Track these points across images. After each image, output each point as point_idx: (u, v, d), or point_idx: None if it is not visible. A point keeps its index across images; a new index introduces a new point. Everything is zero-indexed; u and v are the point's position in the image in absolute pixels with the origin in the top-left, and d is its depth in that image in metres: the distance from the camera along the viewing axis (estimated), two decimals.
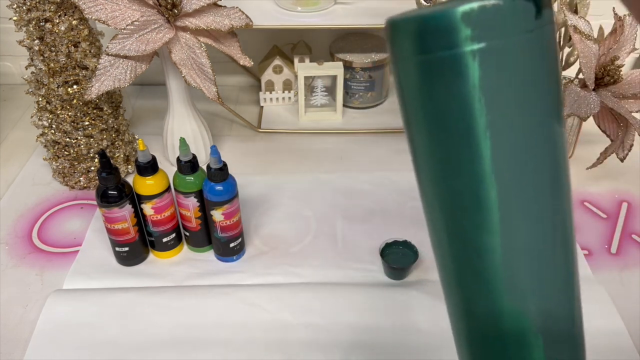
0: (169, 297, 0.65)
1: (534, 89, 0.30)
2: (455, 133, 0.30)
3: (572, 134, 0.79)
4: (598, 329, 0.62)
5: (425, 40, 0.29)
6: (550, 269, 0.34)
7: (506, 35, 0.28)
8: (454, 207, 0.33)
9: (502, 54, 0.29)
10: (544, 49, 0.30)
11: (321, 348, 0.60)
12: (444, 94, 0.30)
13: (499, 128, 0.29)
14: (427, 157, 0.33)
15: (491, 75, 0.29)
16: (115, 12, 0.69)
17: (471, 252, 0.33)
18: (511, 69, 0.29)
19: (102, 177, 0.63)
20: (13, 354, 0.60)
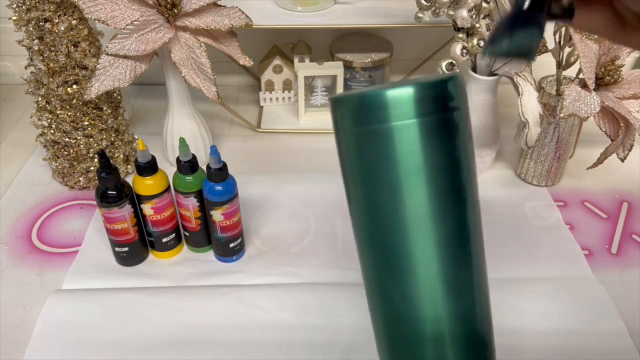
0: (168, 297, 0.65)
1: (446, 160, 0.37)
2: (383, 187, 0.37)
3: (572, 134, 0.79)
4: (598, 329, 0.61)
5: (362, 115, 0.36)
6: (462, 279, 0.39)
7: (422, 115, 0.35)
8: (381, 247, 0.39)
9: (418, 129, 0.35)
10: (453, 129, 0.36)
11: (321, 348, 0.60)
12: (376, 158, 0.36)
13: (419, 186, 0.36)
14: (360, 208, 0.40)
15: (413, 144, 0.35)
16: (114, 11, 0.69)
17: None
18: (432, 141, 0.36)
19: (101, 177, 0.63)
20: (13, 354, 0.59)
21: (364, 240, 0.41)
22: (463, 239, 0.38)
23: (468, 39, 0.70)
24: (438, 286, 0.38)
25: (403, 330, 0.40)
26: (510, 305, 0.63)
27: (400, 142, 0.35)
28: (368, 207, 0.39)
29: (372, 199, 0.38)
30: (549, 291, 0.65)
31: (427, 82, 0.35)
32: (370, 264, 0.41)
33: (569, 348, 0.60)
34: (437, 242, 0.37)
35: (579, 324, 0.62)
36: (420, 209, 0.36)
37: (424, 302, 0.38)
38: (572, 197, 0.82)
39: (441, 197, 0.37)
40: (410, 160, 0.35)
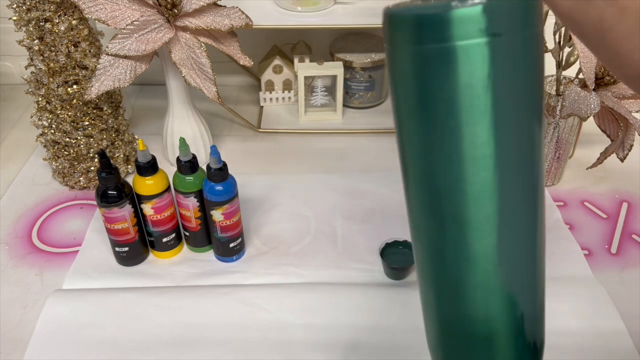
0: (168, 297, 0.65)
1: (525, 85, 0.32)
2: (445, 121, 0.31)
3: (572, 134, 0.79)
4: (598, 329, 0.61)
5: (421, 32, 0.31)
6: (521, 275, 0.36)
7: (500, 32, 0.30)
8: (436, 206, 0.34)
9: (495, 49, 0.30)
10: (534, 48, 0.32)
11: (321, 348, 0.60)
12: (437, 82, 0.31)
13: (488, 119, 0.31)
14: (415, 147, 0.34)
15: (483, 68, 0.30)
16: (115, 11, 0.69)
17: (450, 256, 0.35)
18: (503, 65, 0.30)
19: (101, 177, 0.63)
20: (13, 354, 0.60)
21: (416, 186, 0.36)
22: (533, 198, 0.34)
23: None
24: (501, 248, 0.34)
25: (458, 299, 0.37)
26: None
27: (467, 64, 0.30)
28: (423, 145, 0.34)
29: (428, 136, 0.33)
30: (548, 291, 0.64)
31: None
32: (421, 216, 0.36)
33: (569, 348, 0.60)
34: (504, 193, 0.33)
35: (579, 323, 0.62)
36: (485, 148, 0.32)
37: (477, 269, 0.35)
38: (572, 197, 0.82)
39: (508, 136, 0.32)
40: (476, 88, 0.31)
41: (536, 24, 0.32)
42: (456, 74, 0.30)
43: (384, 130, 0.94)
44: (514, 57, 0.31)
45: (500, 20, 0.30)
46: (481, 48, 0.30)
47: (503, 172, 0.32)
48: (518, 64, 0.31)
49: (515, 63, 0.31)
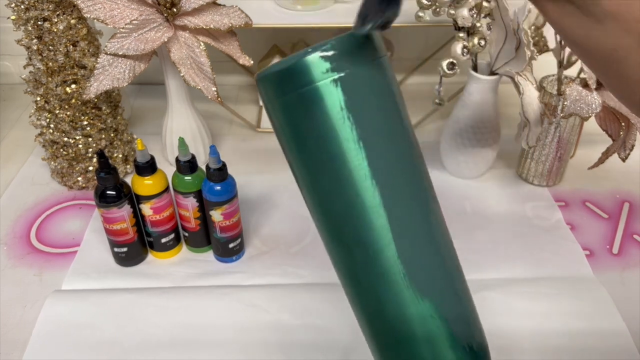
0: (167, 297, 0.64)
1: (381, 107, 0.37)
2: (320, 155, 0.37)
3: (574, 134, 0.78)
4: (599, 329, 0.61)
5: (280, 85, 0.37)
6: (433, 281, 0.39)
7: (343, 69, 0.35)
8: (337, 232, 0.39)
9: (343, 84, 0.35)
10: (381, 75, 0.37)
11: (321, 348, 0.59)
12: (304, 124, 0.36)
13: (355, 145, 0.36)
14: (309, 185, 0.39)
15: (336, 103, 0.35)
16: (113, 11, 0.69)
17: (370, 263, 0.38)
18: (354, 95, 0.36)
19: (100, 177, 0.63)
20: (12, 355, 0.59)
21: (317, 218, 0.40)
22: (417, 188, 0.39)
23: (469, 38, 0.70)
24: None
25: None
26: (511, 305, 0.63)
27: (322, 102, 0.35)
28: (311, 174, 0.39)
29: (312, 172, 0.38)
30: (549, 291, 0.65)
31: (338, 39, 0.36)
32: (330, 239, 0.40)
33: (570, 348, 0.60)
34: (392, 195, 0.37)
35: (580, 324, 0.62)
36: (361, 171, 0.36)
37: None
38: (573, 197, 0.81)
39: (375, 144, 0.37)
40: (336, 121, 0.36)
41: (379, 55, 0.37)
42: (317, 113, 0.36)
43: None
44: (364, 87, 0.36)
45: (341, 60, 0.35)
46: (330, 86, 0.35)
47: (383, 188, 0.36)
48: (369, 91, 0.36)
49: (366, 91, 0.36)
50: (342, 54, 0.36)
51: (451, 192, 0.81)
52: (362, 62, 0.36)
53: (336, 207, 0.38)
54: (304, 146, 0.37)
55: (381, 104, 0.37)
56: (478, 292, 0.65)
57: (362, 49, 0.37)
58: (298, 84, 0.36)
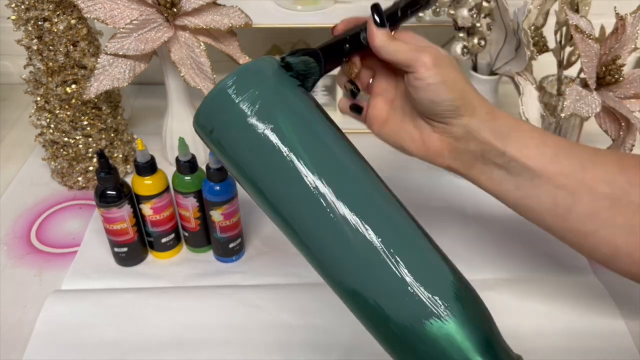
0: (168, 297, 0.65)
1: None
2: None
3: (574, 134, 0.78)
4: (599, 329, 0.61)
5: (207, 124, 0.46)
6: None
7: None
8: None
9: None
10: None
11: (321, 349, 0.60)
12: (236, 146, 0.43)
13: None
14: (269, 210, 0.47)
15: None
16: (114, 11, 0.69)
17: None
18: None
19: (100, 177, 0.63)
20: (11, 355, 0.59)
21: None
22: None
23: (469, 38, 0.70)
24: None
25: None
26: (510, 305, 0.63)
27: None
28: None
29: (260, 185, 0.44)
30: (549, 291, 0.65)
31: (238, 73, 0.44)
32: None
33: (570, 348, 0.60)
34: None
35: (580, 324, 0.62)
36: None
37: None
38: None
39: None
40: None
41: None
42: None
43: None
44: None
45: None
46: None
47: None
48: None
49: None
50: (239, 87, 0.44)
51: (451, 192, 0.81)
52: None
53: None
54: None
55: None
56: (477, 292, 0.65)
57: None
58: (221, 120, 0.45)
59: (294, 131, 0.41)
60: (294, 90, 0.44)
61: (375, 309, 0.41)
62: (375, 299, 0.40)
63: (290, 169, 0.41)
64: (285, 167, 0.41)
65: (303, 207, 0.41)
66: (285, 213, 0.43)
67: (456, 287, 0.40)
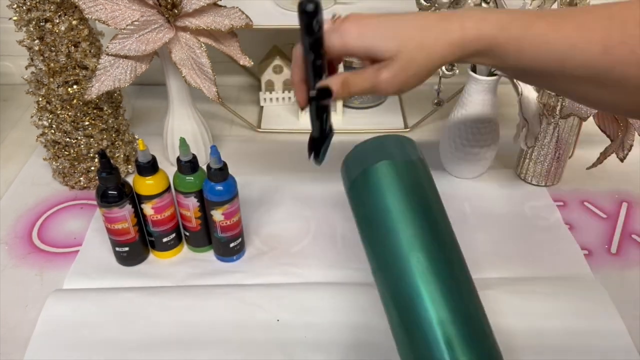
0: (169, 297, 0.65)
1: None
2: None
3: (572, 134, 0.79)
4: (598, 329, 0.62)
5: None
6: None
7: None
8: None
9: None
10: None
11: (321, 348, 0.60)
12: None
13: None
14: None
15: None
16: (115, 12, 0.69)
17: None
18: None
19: (102, 177, 0.63)
20: (12, 354, 0.60)
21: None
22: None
23: None
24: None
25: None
26: (510, 305, 0.63)
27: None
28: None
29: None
30: (548, 291, 0.65)
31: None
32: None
33: (569, 348, 0.60)
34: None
35: (579, 324, 0.62)
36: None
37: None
38: (571, 197, 0.82)
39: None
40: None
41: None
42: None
43: (384, 130, 0.94)
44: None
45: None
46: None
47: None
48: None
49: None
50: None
51: (450, 192, 0.81)
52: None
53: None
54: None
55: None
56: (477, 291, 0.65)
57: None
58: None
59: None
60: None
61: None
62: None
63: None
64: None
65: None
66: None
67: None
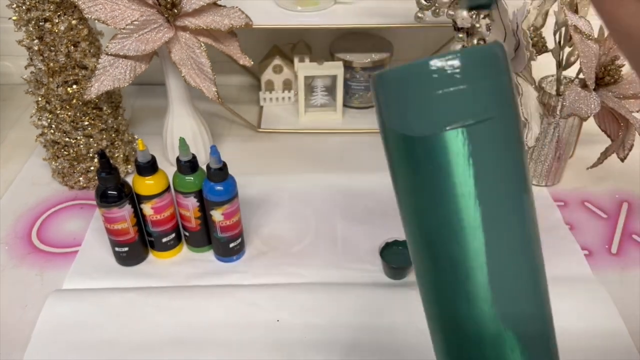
0: (168, 297, 0.65)
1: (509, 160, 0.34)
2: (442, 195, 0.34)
3: (573, 134, 0.79)
4: (598, 329, 0.61)
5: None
6: (524, 283, 0.37)
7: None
8: (429, 247, 0.37)
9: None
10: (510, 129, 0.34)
11: (321, 348, 0.60)
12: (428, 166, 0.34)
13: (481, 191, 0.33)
14: (410, 200, 0.37)
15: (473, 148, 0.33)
16: (114, 11, 0.69)
17: (458, 272, 0.36)
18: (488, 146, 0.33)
19: (101, 177, 0.63)
20: (12, 354, 0.59)
21: (411, 229, 0.39)
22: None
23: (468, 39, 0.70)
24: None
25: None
26: None
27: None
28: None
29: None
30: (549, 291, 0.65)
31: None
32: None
33: (569, 348, 0.60)
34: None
35: (579, 323, 0.62)
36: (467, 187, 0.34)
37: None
38: (572, 197, 0.82)
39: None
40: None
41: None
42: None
43: None
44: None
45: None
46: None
47: (486, 210, 0.34)
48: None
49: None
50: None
51: None
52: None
53: (434, 222, 0.35)
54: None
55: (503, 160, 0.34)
56: None
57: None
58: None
59: None
60: None
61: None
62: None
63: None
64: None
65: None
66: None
67: None
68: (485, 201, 0.33)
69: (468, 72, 0.31)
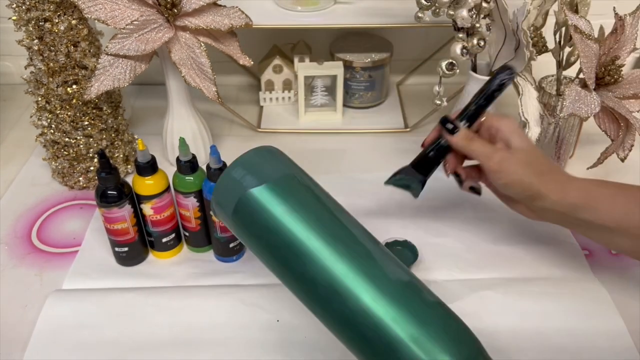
0: (168, 297, 0.65)
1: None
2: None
3: (573, 134, 0.79)
4: (598, 329, 0.61)
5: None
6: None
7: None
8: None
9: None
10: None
11: (321, 348, 0.60)
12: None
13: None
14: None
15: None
16: (114, 11, 0.69)
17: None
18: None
19: (101, 177, 0.63)
20: (12, 355, 0.59)
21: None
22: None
23: (468, 38, 0.70)
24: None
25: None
26: (511, 305, 0.63)
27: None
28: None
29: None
30: (549, 291, 0.65)
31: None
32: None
33: (569, 348, 0.60)
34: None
35: (579, 324, 0.62)
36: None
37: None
38: None
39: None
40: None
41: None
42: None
43: (384, 130, 0.94)
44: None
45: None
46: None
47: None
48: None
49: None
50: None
51: (451, 192, 0.81)
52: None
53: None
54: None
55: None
56: (477, 291, 0.65)
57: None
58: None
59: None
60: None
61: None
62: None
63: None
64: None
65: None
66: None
67: None
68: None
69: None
